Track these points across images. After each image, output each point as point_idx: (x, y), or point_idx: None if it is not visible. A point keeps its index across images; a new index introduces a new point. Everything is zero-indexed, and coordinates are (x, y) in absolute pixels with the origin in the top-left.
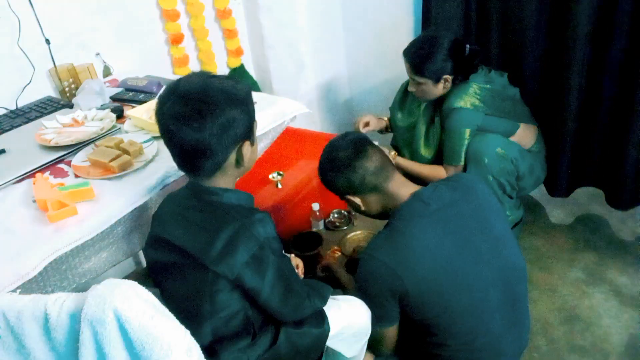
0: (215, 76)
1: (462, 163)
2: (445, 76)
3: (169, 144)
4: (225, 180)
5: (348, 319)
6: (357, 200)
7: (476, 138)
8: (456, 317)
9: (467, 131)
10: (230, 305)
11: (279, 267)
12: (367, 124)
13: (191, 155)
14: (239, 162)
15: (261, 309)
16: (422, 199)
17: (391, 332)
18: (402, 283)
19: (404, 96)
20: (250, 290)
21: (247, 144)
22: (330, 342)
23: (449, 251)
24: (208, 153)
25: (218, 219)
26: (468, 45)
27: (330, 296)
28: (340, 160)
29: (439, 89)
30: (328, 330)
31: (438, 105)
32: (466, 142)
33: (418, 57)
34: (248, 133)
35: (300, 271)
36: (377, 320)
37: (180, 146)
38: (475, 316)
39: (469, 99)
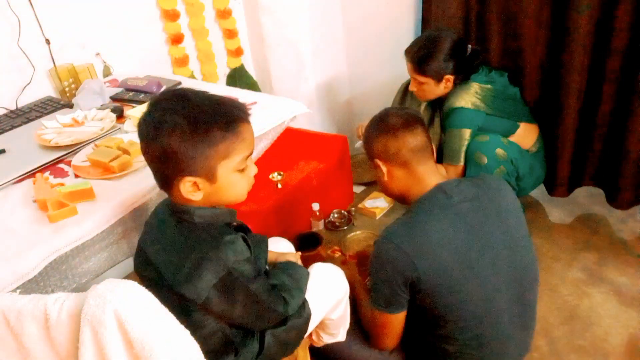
0: (204, 98)
1: (462, 163)
2: (447, 76)
3: None
4: (193, 201)
5: (323, 286)
6: (384, 168)
7: (476, 138)
8: (466, 310)
9: (468, 132)
10: (206, 325)
11: (251, 291)
12: None
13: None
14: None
15: (238, 326)
16: (444, 190)
17: (396, 320)
18: (416, 270)
19: (403, 97)
20: (219, 314)
21: (187, 180)
22: (314, 315)
23: (465, 245)
24: (155, 171)
25: (188, 240)
26: (470, 46)
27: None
28: (388, 123)
29: (440, 88)
30: (310, 313)
31: (438, 106)
32: (466, 142)
33: (420, 56)
34: (189, 167)
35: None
36: (385, 304)
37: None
38: (485, 312)
39: (470, 98)
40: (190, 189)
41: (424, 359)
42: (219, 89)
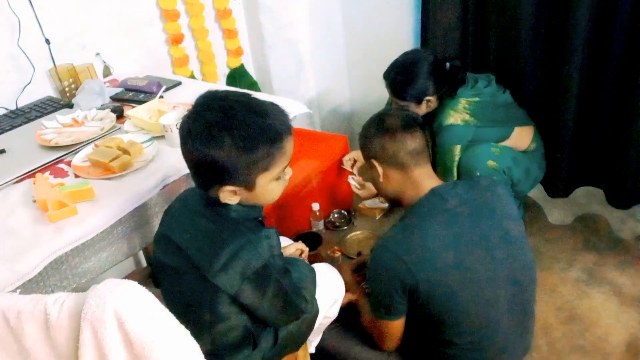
0: (250, 111)
1: (455, 179)
2: (428, 97)
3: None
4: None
5: (322, 285)
6: (380, 169)
7: (467, 152)
8: (465, 315)
9: (458, 147)
10: (229, 317)
11: (280, 286)
12: (354, 161)
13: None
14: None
15: (258, 319)
16: (440, 194)
17: (397, 325)
18: (414, 277)
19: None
20: (248, 306)
21: (226, 189)
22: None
23: (462, 250)
24: (195, 173)
25: (225, 232)
26: (448, 63)
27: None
28: (387, 124)
29: (422, 109)
30: (318, 308)
31: (428, 121)
32: (457, 158)
33: (398, 83)
34: (230, 179)
35: (304, 256)
36: (385, 311)
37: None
38: (484, 315)
39: (458, 115)
40: (229, 195)
41: None
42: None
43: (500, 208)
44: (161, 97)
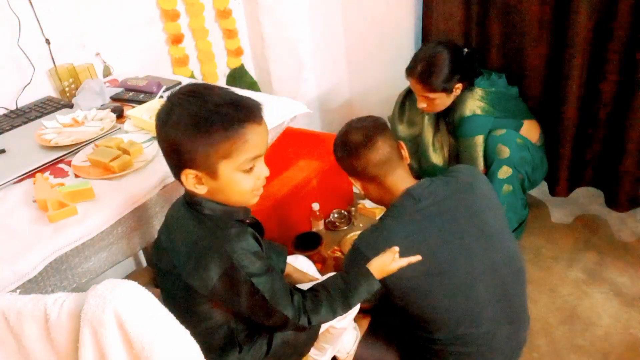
0: (215, 95)
1: (482, 167)
2: (457, 85)
3: None
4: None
5: None
6: (358, 184)
7: (493, 133)
8: (441, 312)
9: (481, 137)
10: (212, 317)
11: (254, 285)
12: None
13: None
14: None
15: (247, 321)
16: (412, 195)
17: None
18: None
19: (402, 107)
20: (226, 306)
21: (188, 172)
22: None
23: (434, 248)
24: (166, 161)
25: (198, 231)
26: (465, 49)
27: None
28: (349, 143)
29: (451, 98)
30: (314, 326)
31: (441, 113)
32: (482, 148)
33: (427, 75)
34: (190, 161)
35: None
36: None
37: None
38: (462, 311)
39: (477, 104)
40: (193, 181)
41: (418, 356)
42: None
43: (478, 202)
44: (161, 97)
